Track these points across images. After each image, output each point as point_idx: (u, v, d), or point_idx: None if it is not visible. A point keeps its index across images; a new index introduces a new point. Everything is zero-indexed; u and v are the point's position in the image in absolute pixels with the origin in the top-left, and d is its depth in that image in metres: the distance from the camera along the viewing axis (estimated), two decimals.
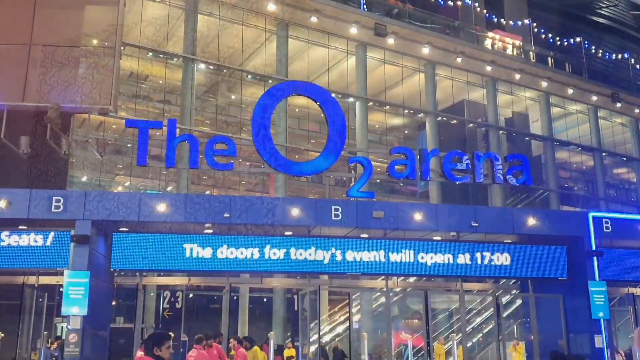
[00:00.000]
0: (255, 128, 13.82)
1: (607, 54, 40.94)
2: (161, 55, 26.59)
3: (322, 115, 14.76)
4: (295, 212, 13.38)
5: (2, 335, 12.91)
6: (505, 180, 14.91)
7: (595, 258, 14.73)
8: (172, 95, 28.49)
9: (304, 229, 14.15)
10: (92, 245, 12.47)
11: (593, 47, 39.42)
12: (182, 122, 24.24)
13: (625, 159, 39.18)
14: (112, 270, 13.66)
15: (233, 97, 30.06)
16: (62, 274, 12.67)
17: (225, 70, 28.95)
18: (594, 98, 36.08)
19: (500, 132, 34.56)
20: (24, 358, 13.28)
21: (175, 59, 26.49)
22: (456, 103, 33.88)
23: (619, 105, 36.31)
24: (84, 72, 15.49)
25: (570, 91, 35.22)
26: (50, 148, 14.17)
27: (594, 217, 15.05)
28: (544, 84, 34.16)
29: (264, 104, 14.02)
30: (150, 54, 26.48)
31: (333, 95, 15.44)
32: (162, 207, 12.80)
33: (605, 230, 15.01)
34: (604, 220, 15.13)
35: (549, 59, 36.30)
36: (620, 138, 39.15)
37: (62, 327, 18.49)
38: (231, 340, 13.70)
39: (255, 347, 14.21)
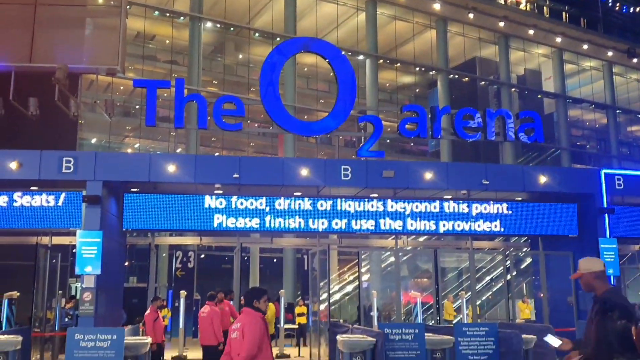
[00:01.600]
0: (264, 87, 13.68)
1: (624, 7, 39.90)
2: (167, 14, 26.29)
3: (332, 74, 14.57)
4: (304, 172, 13.34)
5: (18, 294, 13.13)
6: (516, 137, 14.75)
7: (606, 215, 14.66)
8: (179, 56, 28.27)
9: (313, 189, 14.14)
10: (104, 206, 12.54)
11: (609, 1, 38.45)
12: (189, 82, 24.12)
13: (639, 115, 38.67)
14: (124, 230, 13.77)
15: (240, 56, 29.78)
16: (74, 234, 12.79)
17: (232, 29, 28.62)
18: (609, 54, 35.39)
19: (512, 89, 34.13)
20: (40, 317, 13.54)
21: (182, 18, 26.18)
22: (468, 60, 33.41)
23: (635, 60, 35.62)
24: (91, 33, 15.32)
25: (584, 47, 34.55)
26: (58, 110, 14.12)
27: (606, 174, 14.90)
28: (558, 39, 33.50)
29: (272, 62, 13.84)
30: (157, 12, 26.16)
31: (343, 53, 15.20)
32: (171, 168, 12.81)
33: (617, 187, 14.88)
34: (616, 177, 14.98)
35: (564, 13, 35.48)
36: (635, 95, 38.56)
37: (76, 287, 18.84)
38: (242, 298, 13.86)
39: (270, 304, 14.40)
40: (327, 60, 14.32)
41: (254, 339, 5.04)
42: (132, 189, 13.50)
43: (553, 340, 5.02)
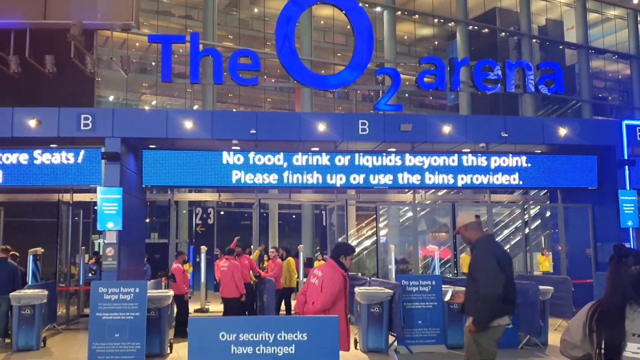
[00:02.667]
0: (280, 41, 13.50)
1: None
2: None
3: (349, 26, 14.31)
4: (321, 127, 13.27)
5: (42, 250, 13.44)
6: (537, 89, 14.47)
7: (626, 167, 14.46)
8: (194, 10, 27.96)
9: (330, 145, 14.09)
10: (123, 163, 12.65)
11: None
12: (204, 37, 23.89)
13: None
14: (143, 186, 13.91)
15: (256, 10, 29.35)
16: (95, 191, 12.97)
17: None
18: (635, 1, 34.27)
19: (533, 40, 33.34)
20: (64, 272, 13.88)
21: None
22: (488, 11, 32.63)
23: None
24: None
25: None
26: (75, 67, 14.12)
27: (627, 125, 14.62)
28: None
29: (288, 14, 13.62)
30: None
31: (360, 4, 14.88)
32: (189, 124, 12.82)
33: (639, 138, 14.62)
34: (637, 128, 14.70)
35: None
36: None
37: (99, 243, 19.22)
38: (271, 250, 14.15)
39: (290, 258, 14.63)
40: (344, 12, 14.06)
41: (331, 294, 5.35)
42: (150, 146, 13.58)
43: (447, 295, 5.51)
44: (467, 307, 5.27)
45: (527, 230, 17.84)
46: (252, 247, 15.47)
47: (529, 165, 14.70)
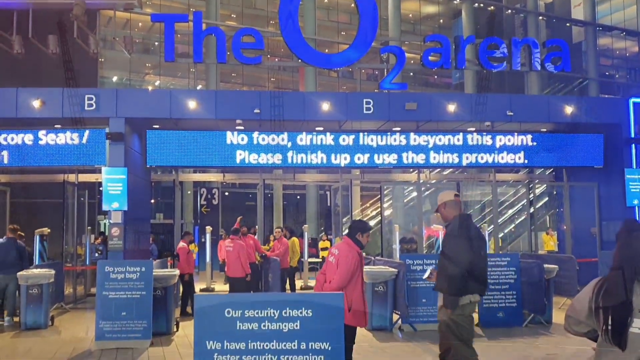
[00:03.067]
0: (283, 19, 13.38)
1: None
2: None
3: (353, 4, 14.17)
4: (326, 106, 13.21)
5: (49, 230, 13.51)
6: (543, 67, 14.33)
7: (633, 145, 14.38)
8: None
9: (335, 124, 14.03)
10: (127, 143, 12.65)
11: None
12: (207, 16, 23.72)
13: None
14: (148, 167, 13.93)
15: None
16: (100, 171, 12.99)
17: None
18: None
19: (540, 17, 32.97)
20: (71, 252, 13.96)
21: None
22: None
23: None
24: None
25: None
26: (78, 47, 14.05)
27: (634, 103, 14.51)
28: None
29: None
30: None
31: None
32: (192, 104, 12.78)
33: None
34: None
35: None
36: None
37: (104, 223, 19.31)
38: (277, 230, 14.22)
39: (294, 238, 14.69)
40: None
41: (347, 272, 5.38)
42: (154, 126, 13.56)
43: (426, 273, 5.59)
44: (437, 282, 5.34)
45: (532, 210, 17.82)
46: (256, 227, 15.50)
47: (534, 144, 14.62)
